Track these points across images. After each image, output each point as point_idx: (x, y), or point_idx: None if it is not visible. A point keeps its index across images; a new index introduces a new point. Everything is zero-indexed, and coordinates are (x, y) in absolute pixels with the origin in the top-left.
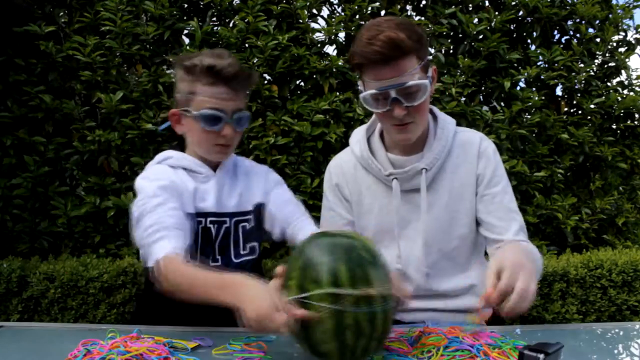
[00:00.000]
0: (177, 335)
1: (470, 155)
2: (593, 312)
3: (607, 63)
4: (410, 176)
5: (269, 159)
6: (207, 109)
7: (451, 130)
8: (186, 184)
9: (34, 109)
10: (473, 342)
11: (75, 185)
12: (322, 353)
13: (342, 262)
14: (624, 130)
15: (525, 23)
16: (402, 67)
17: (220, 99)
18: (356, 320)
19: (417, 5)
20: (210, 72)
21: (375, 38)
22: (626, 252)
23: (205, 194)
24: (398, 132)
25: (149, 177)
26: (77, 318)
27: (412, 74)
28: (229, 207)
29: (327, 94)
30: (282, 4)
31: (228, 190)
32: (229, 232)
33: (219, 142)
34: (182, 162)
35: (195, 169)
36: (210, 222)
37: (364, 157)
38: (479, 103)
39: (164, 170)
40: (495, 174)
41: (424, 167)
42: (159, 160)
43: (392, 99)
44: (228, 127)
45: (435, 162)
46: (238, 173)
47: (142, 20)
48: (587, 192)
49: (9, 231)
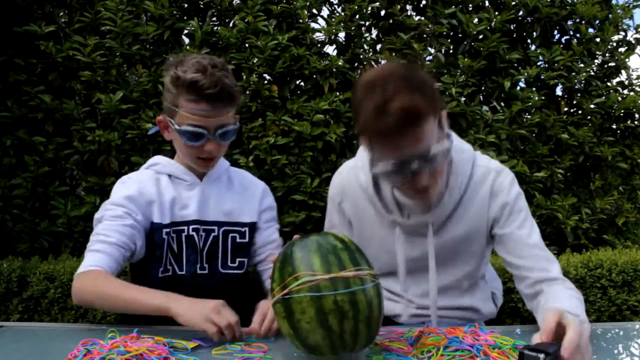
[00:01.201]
0: (177, 335)
1: (481, 196)
2: (593, 312)
3: (607, 63)
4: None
5: (269, 159)
6: (188, 125)
7: (467, 172)
8: (163, 194)
9: (34, 109)
10: (473, 342)
11: (75, 185)
12: (313, 346)
13: (314, 251)
14: (624, 130)
15: (525, 23)
16: (422, 134)
17: (202, 116)
18: (336, 303)
19: (417, 5)
20: (192, 88)
21: (386, 108)
22: (626, 252)
23: (187, 202)
24: (419, 198)
25: (125, 183)
26: (77, 318)
27: (432, 136)
28: (217, 216)
29: (327, 94)
30: (282, 4)
31: (217, 200)
32: (217, 241)
33: (202, 156)
34: (169, 168)
35: (180, 177)
36: (194, 230)
37: (369, 194)
38: (479, 103)
39: (144, 178)
40: (513, 210)
41: (431, 221)
42: (147, 166)
43: (413, 170)
44: (211, 143)
45: (444, 214)
46: (234, 185)
47: (142, 20)
48: (587, 192)
49: (9, 231)
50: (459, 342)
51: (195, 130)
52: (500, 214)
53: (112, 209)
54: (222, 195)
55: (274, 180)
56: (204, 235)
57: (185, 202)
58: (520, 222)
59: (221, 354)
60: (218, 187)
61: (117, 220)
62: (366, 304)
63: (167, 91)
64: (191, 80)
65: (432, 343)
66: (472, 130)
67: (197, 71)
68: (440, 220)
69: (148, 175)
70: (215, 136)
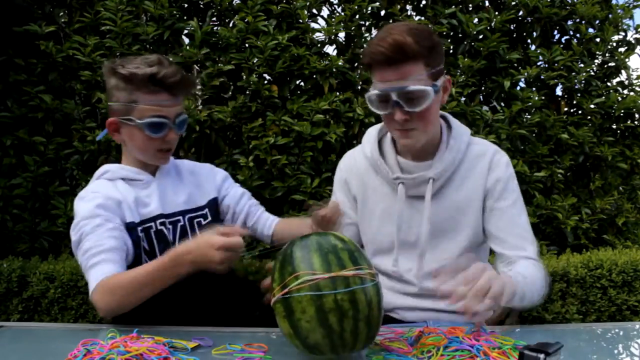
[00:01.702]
0: (177, 335)
1: (479, 168)
2: (593, 312)
3: (607, 63)
4: (417, 183)
5: (269, 159)
6: (151, 116)
7: (464, 142)
8: (125, 195)
9: (34, 109)
10: (473, 342)
11: (75, 185)
12: (313, 346)
13: (314, 251)
14: (624, 130)
15: (525, 23)
16: (405, 71)
17: (164, 106)
18: (336, 302)
19: (417, 5)
20: (152, 81)
21: (384, 40)
22: (626, 252)
23: (148, 199)
24: (400, 136)
25: (86, 197)
26: (77, 318)
27: (417, 79)
28: (178, 206)
29: (327, 94)
30: (282, 4)
31: (173, 191)
32: (185, 230)
33: (162, 147)
34: (120, 173)
35: (134, 177)
36: (161, 224)
37: (374, 158)
38: (479, 103)
39: (102, 186)
40: (506, 188)
41: (432, 176)
42: (97, 176)
43: (394, 102)
44: (171, 132)
45: (444, 174)
46: (182, 174)
47: (142, 20)
48: (587, 192)
49: (9, 231)
50: (459, 342)
51: (159, 120)
52: (494, 187)
53: (88, 223)
54: (177, 187)
55: (274, 180)
56: (171, 228)
57: (145, 201)
58: (513, 202)
59: (221, 354)
60: (171, 179)
61: (100, 229)
62: (366, 303)
63: (116, 90)
64: (151, 73)
65: (432, 343)
66: (472, 130)
67: (151, 65)
68: (439, 182)
69: (103, 184)
70: (175, 125)
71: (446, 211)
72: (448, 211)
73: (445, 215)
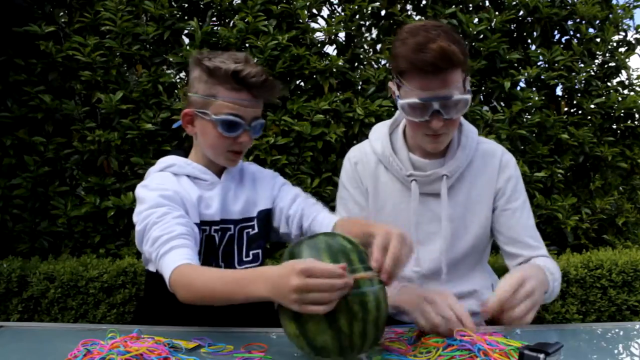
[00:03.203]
0: (177, 335)
1: (491, 167)
2: (593, 312)
3: (607, 63)
4: (430, 180)
5: (269, 159)
6: (227, 114)
7: (474, 140)
8: (190, 193)
9: (34, 109)
10: (473, 342)
11: (75, 185)
12: (320, 348)
13: (324, 252)
14: (624, 130)
15: (525, 23)
16: (449, 80)
17: (242, 106)
18: (347, 303)
19: (417, 5)
20: (235, 78)
21: (427, 47)
22: (626, 252)
23: (209, 202)
24: (430, 142)
25: (150, 186)
26: (77, 318)
27: (458, 87)
28: (234, 214)
29: (327, 94)
30: (282, 4)
31: (233, 197)
32: (232, 239)
33: (234, 149)
34: (186, 169)
35: (199, 176)
36: (215, 231)
37: (385, 155)
38: (479, 103)
39: (167, 179)
40: (516, 188)
41: (445, 173)
42: (162, 168)
43: (434, 111)
44: (245, 134)
45: (457, 170)
46: (245, 179)
47: (142, 20)
48: (587, 192)
49: (9, 231)
50: (459, 342)
51: (234, 119)
52: (506, 187)
53: (153, 213)
54: (237, 193)
55: None
56: (220, 234)
57: (207, 203)
58: (523, 202)
59: (221, 354)
60: (234, 184)
61: (166, 217)
62: (375, 305)
63: (198, 82)
64: (235, 69)
65: (432, 343)
66: None
67: (237, 61)
68: (451, 180)
69: (168, 178)
70: (250, 127)
71: (457, 209)
72: (459, 209)
73: (457, 212)
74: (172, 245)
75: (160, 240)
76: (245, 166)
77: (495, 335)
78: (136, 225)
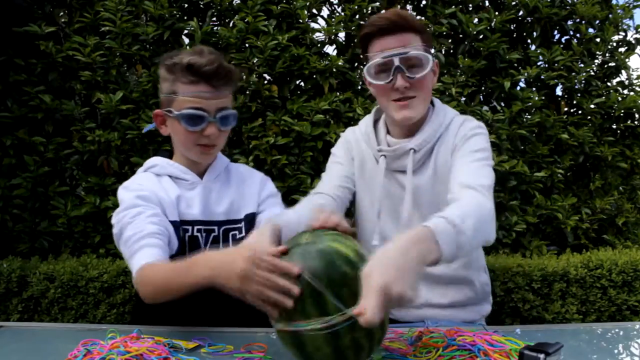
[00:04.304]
0: (177, 335)
1: (451, 133)
2: (593, 312)
3: (607, 63)
4: (398, 155)
5: (269, 159)
6: (188, 108)
7: (448, 117)
8: (168, 193)
9: (34, 109)
10: (473, 342)
11: (75, 185)
12: None
13: (325, 289)
14: (624, 130)
15: (525, 23)
16: (406, 39)
17: (202, 98)
18: (354, 340)
19: (417, 5)
20: (190, 70)
21: (384, 14)
22: (626, 252)
23: (190, 202)
24: (399, 108)
25: (130, 187)
26: (77, 318)
27: (417, 48)
28: (217, 215)
29: (327, 94)
30: (282, 4)
31: (216, 197)
32: (217, 241)
33: (202, 142)
34: (168, 169)
35: (180, 176)
36: (197, 231)
37: (367, 132)
38: (479, 103)
39: (147, 179)
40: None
41: (412, 147)
42: (146, 168)
43: (395, 68)
44: (211, 126)
45: (425, 145)
46: (231, 180)
47: (142, 20)
48: (587, 192)
49: (9, 231)
50: (459, 342)
51: (196, 112)
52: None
53: (127, 214)
54: (221, 194)
55: (274, 180)
56: (204, 235)
57: (188, 203)
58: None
59: (221, 354)
60: (217, 185)
61: (139, 217)
62: (379, 329)
63: (163, 82)
64: (188, 62)
65: (432, 344)
66: None
67: (193, 54)
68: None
69: (149, 177)
70: (215, 119)
71: (428, 182)
72: (429, 182)
73: (428, 186)
74: (140, 245)
75: (132, 240)
76: (232, 167)
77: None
78: (113, 229)
